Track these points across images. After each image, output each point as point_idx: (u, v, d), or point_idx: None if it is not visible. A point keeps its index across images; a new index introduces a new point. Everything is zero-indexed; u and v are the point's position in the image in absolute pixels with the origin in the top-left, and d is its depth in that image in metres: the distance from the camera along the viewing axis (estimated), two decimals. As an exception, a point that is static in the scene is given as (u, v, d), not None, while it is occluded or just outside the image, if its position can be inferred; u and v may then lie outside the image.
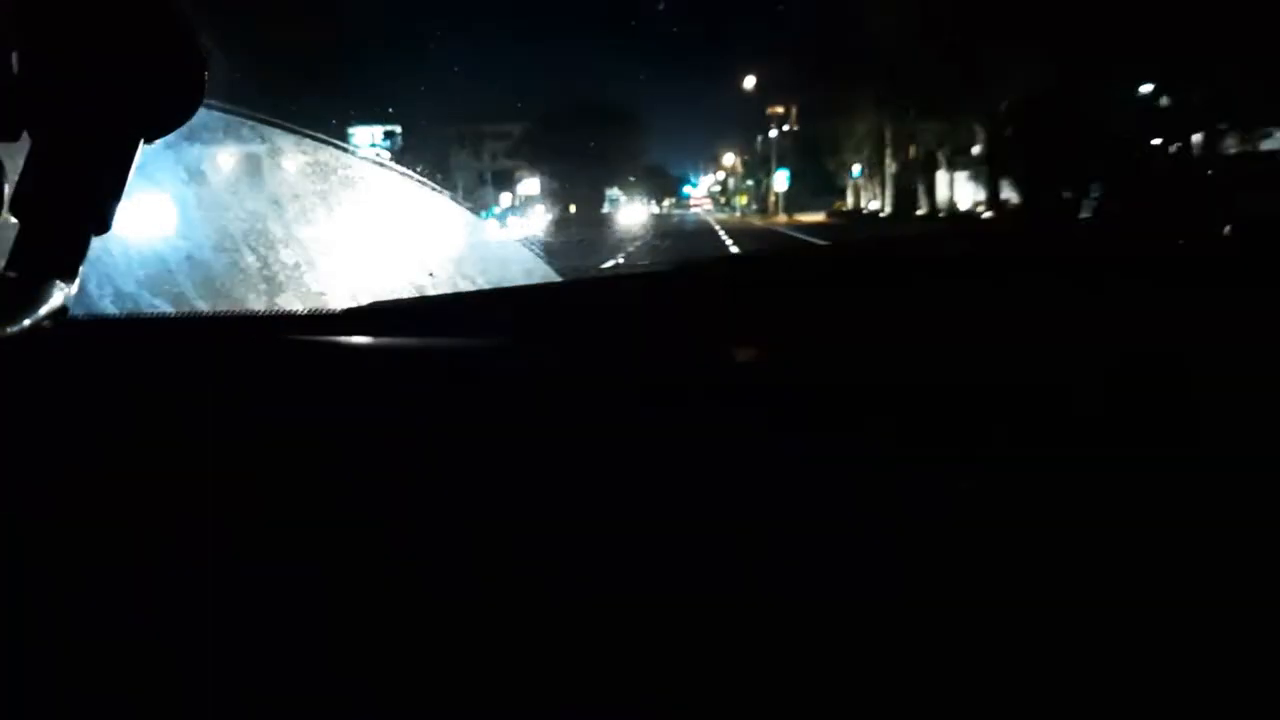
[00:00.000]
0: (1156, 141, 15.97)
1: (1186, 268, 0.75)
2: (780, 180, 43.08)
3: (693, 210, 68.13)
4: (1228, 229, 0.79)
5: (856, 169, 36.57)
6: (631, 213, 50.08)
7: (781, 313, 0.78)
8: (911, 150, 30.22)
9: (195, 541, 0.55)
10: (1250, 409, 0.51)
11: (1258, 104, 13.86)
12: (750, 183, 60.85)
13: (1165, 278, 0.73)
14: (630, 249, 18.92)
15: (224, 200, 1.54)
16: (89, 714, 0.45)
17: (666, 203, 69.34)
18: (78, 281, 0.77)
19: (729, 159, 69.94)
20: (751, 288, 0.87)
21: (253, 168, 1.62)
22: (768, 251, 1.41)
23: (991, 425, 0.53)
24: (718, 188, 77.82)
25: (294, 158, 1.65)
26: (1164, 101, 16.29)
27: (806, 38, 32.05)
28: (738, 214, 56.27)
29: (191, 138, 1.41)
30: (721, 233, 25.69)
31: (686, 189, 75.54)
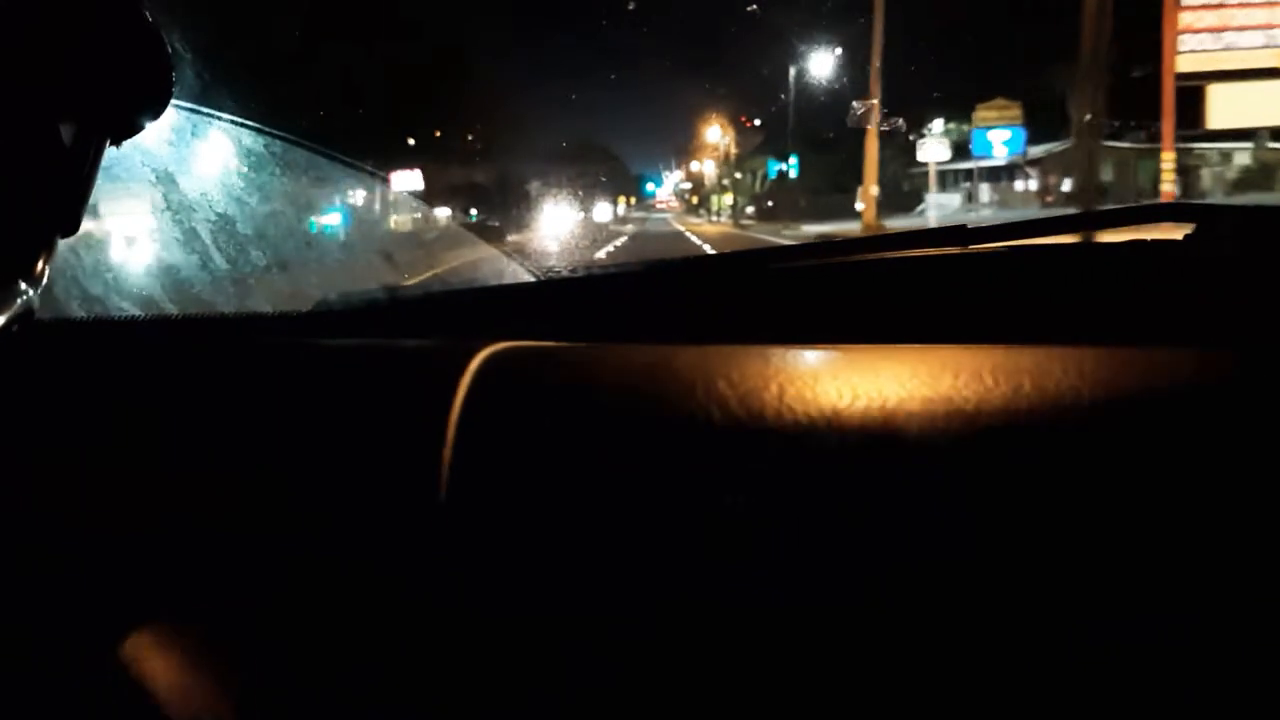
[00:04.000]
0: None
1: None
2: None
3: (659, 211, 55.74)
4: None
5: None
6: (557, 218, 28.79)
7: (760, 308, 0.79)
8: None
9: (166, 544, 0.55)
10: None
11: None
12: (739, 175, 43.48)
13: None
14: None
15: (192, 201, 1.53)
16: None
17: (622, 205, 53.29)
18: (44, 284, 0.76)
19: (713, 135, 47.15)
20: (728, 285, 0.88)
21: (221, 168, 1.61)
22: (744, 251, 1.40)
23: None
24: (687, 185, 61.16)
25: (263, 158, 1.64)
26: None
27: None
28: (722, 220, 40.91)
29: (159, 138, 1.39)
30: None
31: (649, 186, 65.12)
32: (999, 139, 24.40)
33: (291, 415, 0.62)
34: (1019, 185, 28.30)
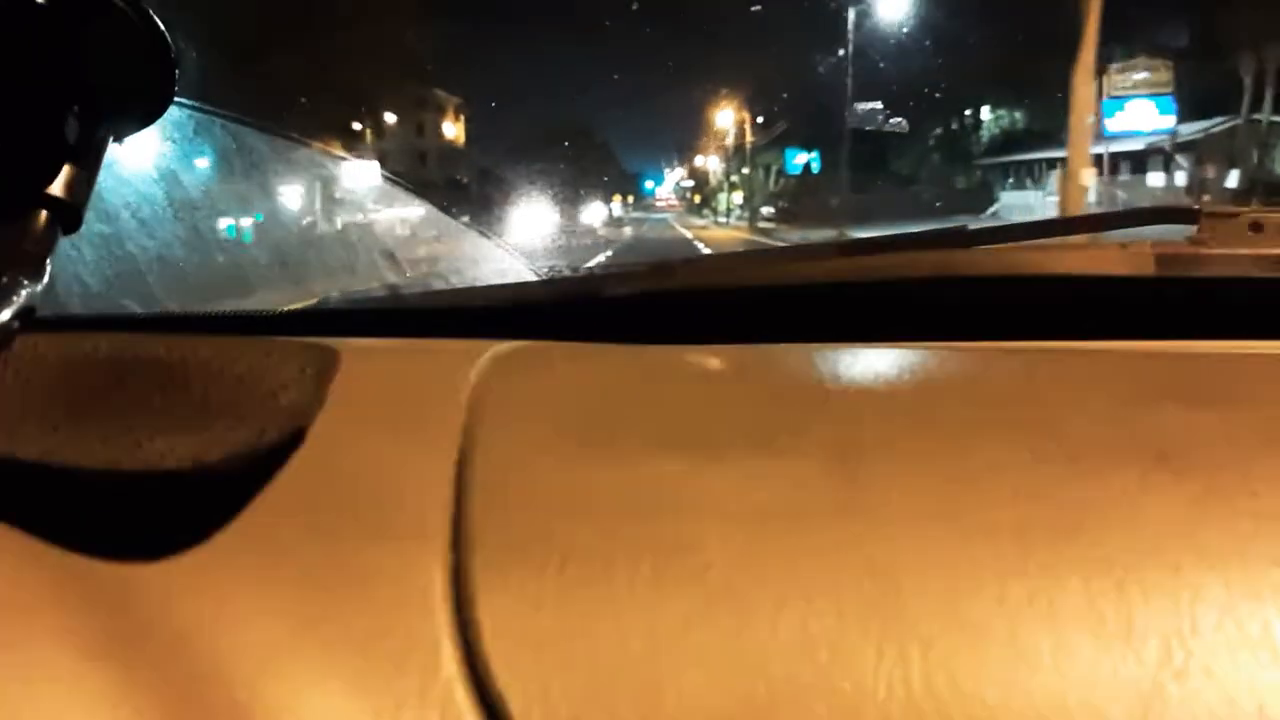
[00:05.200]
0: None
1: None
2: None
3: (659, 211, 50.68)
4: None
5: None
6: (536, 220, 23.21)
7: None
8: None
9: (164, 543, 0.55)
10: None
11: None
12: (748, 171, 36.55)
13: None
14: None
15: (195, 199, 1.53)
16: None
17: (618, 205, 46.28)
18: (45, 281, 0.76)
19: (725, 119, 39.82)
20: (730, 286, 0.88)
21: (223, 166, 1.61)
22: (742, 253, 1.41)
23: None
24: (689, 183, 56.61)
25: (265, 156, 1.64)
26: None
27: None
28: (731, 222, 34.64)
29: (162, 135, 1.40)
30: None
31: (649, 184, 61.62)
32: (1144, 113, 16.51)
33: (294, 415, 0.62)
34: (1154, 178, 19.26)
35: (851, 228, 19.62)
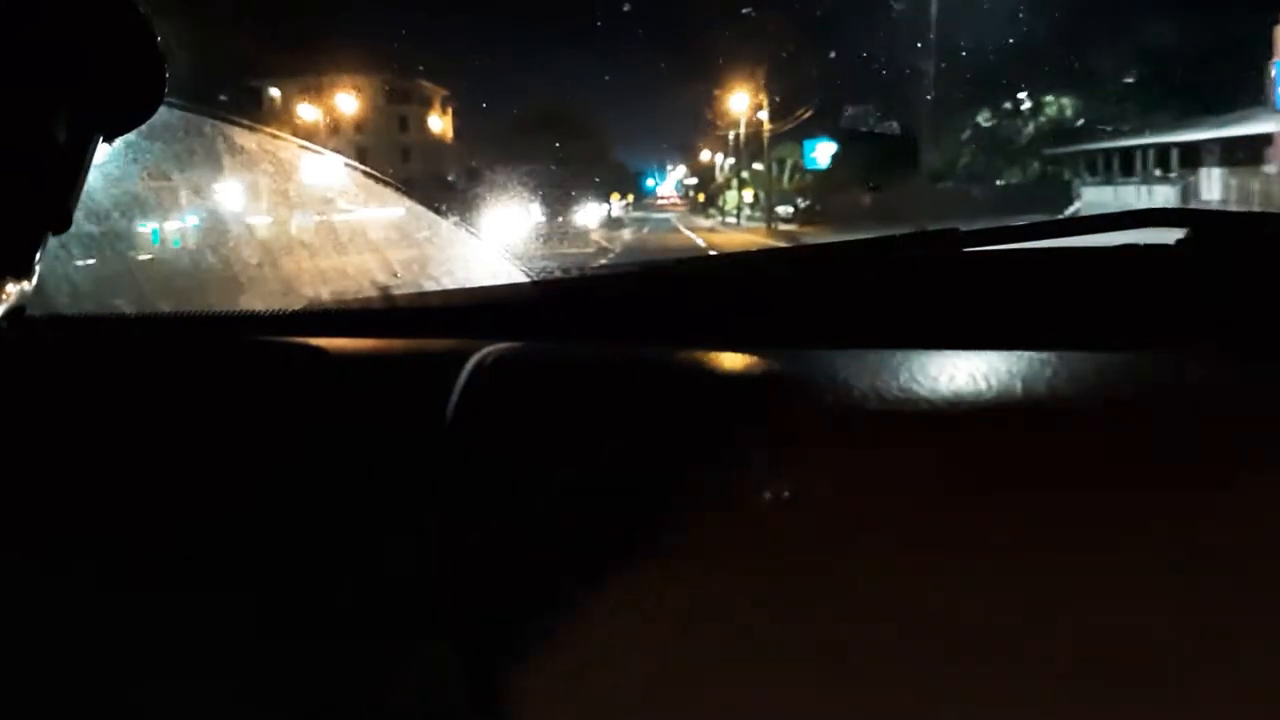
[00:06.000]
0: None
1: None
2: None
3: (661, 211, 47.42)
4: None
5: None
6: (520, 221, 18.90)
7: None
8: None
9: (155, 543, 0.55)
10: None
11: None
12: (759, 167, 32.24)
13: None
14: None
15: (184, 199, 1.52)
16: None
17: (617, 205, 42.45)
18: (35, 280, 0.76)
19: (732, 108, 34.27)
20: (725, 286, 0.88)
21: (213, 165, 1.60)
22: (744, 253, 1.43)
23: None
24: (693, 181, 53.14)
25: (256, 155, 1.63)
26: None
27: None
28: (742, 224, 31.36)
29: (151, 135, 1.39)
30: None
31: (650, 183, 58.56)
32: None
33: (284, 414, 0.62)
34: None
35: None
